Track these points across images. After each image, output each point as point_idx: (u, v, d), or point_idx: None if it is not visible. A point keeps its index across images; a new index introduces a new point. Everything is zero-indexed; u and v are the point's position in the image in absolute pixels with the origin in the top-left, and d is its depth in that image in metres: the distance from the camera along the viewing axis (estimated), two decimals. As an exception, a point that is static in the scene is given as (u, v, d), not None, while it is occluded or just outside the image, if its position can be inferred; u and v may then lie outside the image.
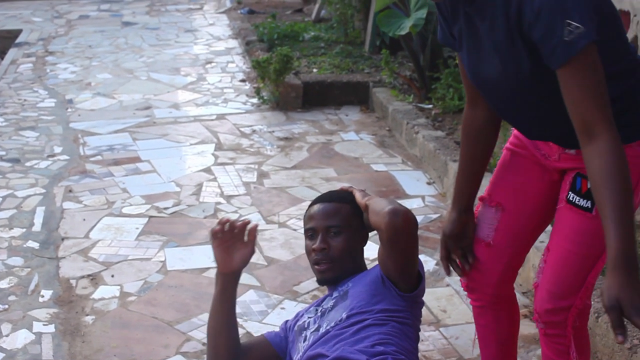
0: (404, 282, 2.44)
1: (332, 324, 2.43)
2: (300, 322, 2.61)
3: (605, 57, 1.98)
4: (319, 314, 2.55)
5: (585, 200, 2.23)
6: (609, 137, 1.94)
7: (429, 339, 3.32)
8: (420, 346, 3.23)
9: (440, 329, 3.41)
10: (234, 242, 2.59)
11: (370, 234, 2.70)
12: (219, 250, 2.60)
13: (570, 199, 2.27)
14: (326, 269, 2.56)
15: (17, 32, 9.96)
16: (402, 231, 2.32)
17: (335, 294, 2.56)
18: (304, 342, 2.52)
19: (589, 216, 2.23)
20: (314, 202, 2.67)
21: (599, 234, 2.12)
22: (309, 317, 2.59)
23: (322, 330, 2.46)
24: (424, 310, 3.49)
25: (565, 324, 2.32)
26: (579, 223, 2.26)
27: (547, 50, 1.96)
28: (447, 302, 3.61)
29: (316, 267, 2.59)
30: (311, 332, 2.51)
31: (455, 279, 3.78)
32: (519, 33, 2.02)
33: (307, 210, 2.68)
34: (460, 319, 3.47)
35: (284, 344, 2.68)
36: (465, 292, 2.64)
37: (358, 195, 2.61)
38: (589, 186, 2.16)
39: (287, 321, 2.77)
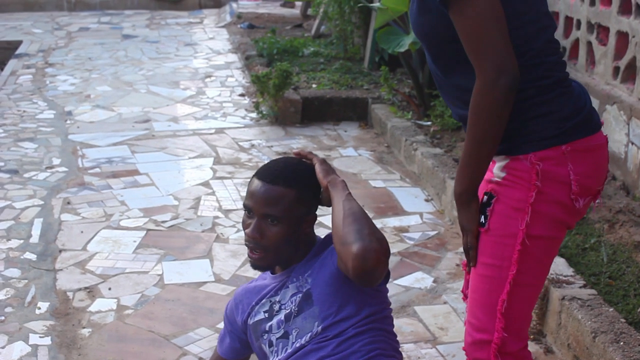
0: None
1: (307, 338, 2.25)
2: (256, 319, 2.40)
3: None
4: (280, 314, 2.33)
5: (481, 215, 2.19)
6: (478, 84, 2.05)
7: (425, 356, 3.32)
8: (417, 363, 3.24)
9: (437, 346, 3.40)
10: None
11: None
12: None
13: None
14: (258, 258, 2.31)
15: (17, 44, 9.99)
16: (372, 272, 2.06)
17: (292, 289, 2.33)
18: (269, 346, 2.34)
19: (482, 230, 2.18)
20: (258, 175, 2.32)
21: (494, 251, 2.16)
22: (265, 314, 2.37)
23: (292, 339, 2.28)
24: (420, 328, 3.51)
25: None
26: (479, 241, 2.21)
27: None
28: (444, 320, 3.61)
29: (248, 253, 2.34)
30: (277, 339, 2.32)
31: (451, 297, 3.78)
32: None
33: (251, 179, 2.35)
34: (458, 337, 3.47)
35: (239, 347, 2.56)
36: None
37: (319, 171, 2.32)
38: (484, 199, 2.18)
39: (227, 314, 2.58)
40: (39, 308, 3.67)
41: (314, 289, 2.28)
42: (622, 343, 2.88)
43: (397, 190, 5.16)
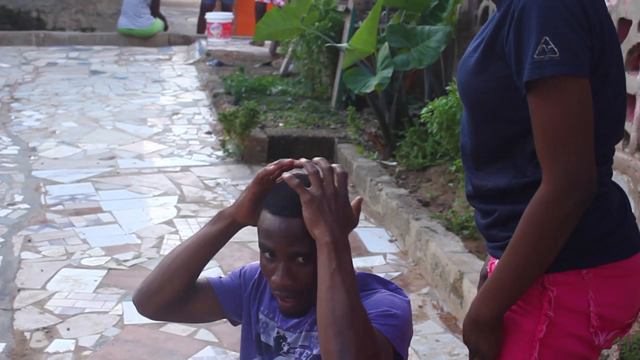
0: None
1: None
2: (265, 340, 2.07)
3: None
4: (286, 358, 2.03)
5: None
6: (545, 192, 1.67)
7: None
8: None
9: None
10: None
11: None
12: (251, 198, 1.94)
13: None
14: (293, 305, 1.91)
15: (-16, 78, 9.91)
16: None
17: (305, 337, 1.99)
18: None
19: None
20: (270, 208, 1.87)
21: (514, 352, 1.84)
22: (273, 342, 2.04)
23: None
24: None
25: None
26: None
27: (515, 64, 1.69)
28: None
29: (280, 301, 1.93)
30: None
31: (414, 339, 3.76)
32: (492, 39, 1.76)
33: (260, 211, 1.91)
34: (418, 379, 3.45)
35: (229, 300, 2.12)
36: None
37: (305, 218, 1.78)
38: None
39: (243, 276, 2.14)
40: (-5, 349, 3.61)
41: None
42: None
43: (361, 231, 5.15)
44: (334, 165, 1.86)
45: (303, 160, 1.87)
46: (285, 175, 1.82)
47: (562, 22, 1.63)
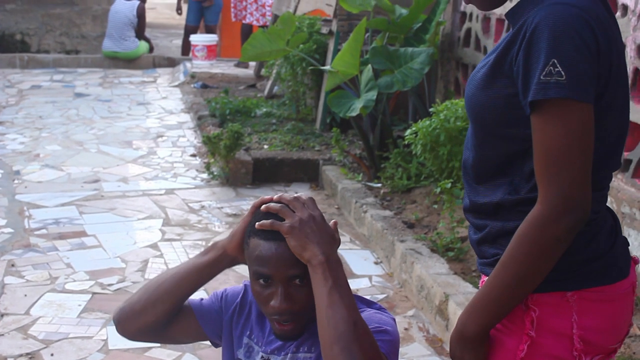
0: None
1: None
2: (253, 358, 2.04)
3: None
4: None
5: None
6: (537, 212, 1.69)
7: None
8: None
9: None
10: None
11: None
12: (245, 228, 1.95)
13: None
14: (292, 328, 1.91)
15: (-33, 101, 9.87)
16: None
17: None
18: None
19: None
20: (261, 235, 1.86)
21: None
22: (260, 358, 2.03)
23: None
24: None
25: None
26: None
27: (522, 82, 1.71)
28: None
29: (278, 326, 1.91)
30: None
31: (400, 362, 3.76)
32: (502, 55, 1.78)
33: (248, 240, 1.91)
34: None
35: (209, 323, 2.11)
36: None
37: (292, 247, 1.81)
38: None
39: (224, 299, 2.13)
40: (-22, 375, 3.58)
41: None
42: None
43: (347, 253, 5.15)
44: (297, 193, 1.90)
45: (270, 204, 1.87)
46: (258, 223, 1.84)
47: (572, 46, 1.66)
